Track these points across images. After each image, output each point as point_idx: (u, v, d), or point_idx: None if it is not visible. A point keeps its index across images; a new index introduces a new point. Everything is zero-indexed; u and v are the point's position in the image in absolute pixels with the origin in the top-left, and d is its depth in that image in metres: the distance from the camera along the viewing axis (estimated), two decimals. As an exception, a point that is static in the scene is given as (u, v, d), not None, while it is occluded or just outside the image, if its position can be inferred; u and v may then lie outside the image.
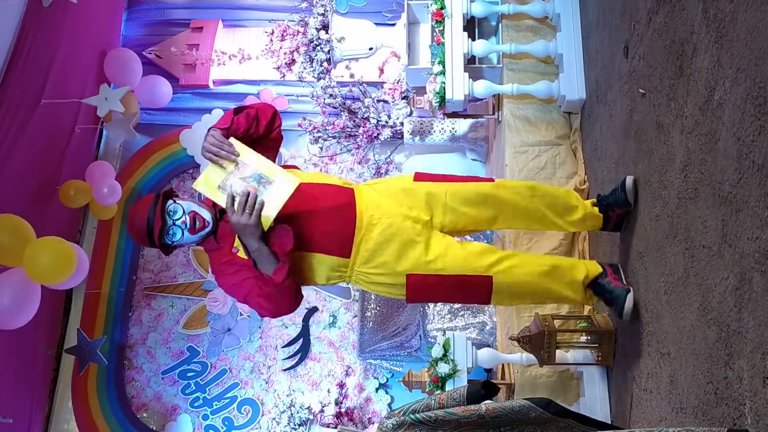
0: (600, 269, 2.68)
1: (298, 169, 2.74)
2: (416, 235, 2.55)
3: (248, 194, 2.23)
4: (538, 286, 2.60)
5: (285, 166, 2.56)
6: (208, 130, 2.34)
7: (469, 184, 2.72)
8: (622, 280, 2.69)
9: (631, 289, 2.61)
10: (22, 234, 3.80)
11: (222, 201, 2.28)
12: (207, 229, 2.45)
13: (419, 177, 2.75)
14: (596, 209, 2.80)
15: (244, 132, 2.41)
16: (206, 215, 2.44)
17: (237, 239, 2.38)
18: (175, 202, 2.45)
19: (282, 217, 2.33)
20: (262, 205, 2.25)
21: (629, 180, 2.72)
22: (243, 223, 2.23)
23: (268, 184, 2.30)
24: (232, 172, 2.31)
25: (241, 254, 2.40)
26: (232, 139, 2.34)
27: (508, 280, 2.56)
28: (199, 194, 2.36)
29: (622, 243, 2.87)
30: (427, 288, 2.55)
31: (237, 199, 2.24)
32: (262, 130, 2.49)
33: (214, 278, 2.66)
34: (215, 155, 2.29)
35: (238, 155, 2.31)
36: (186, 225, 2.41)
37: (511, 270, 2.57)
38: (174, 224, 2.42)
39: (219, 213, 2.49)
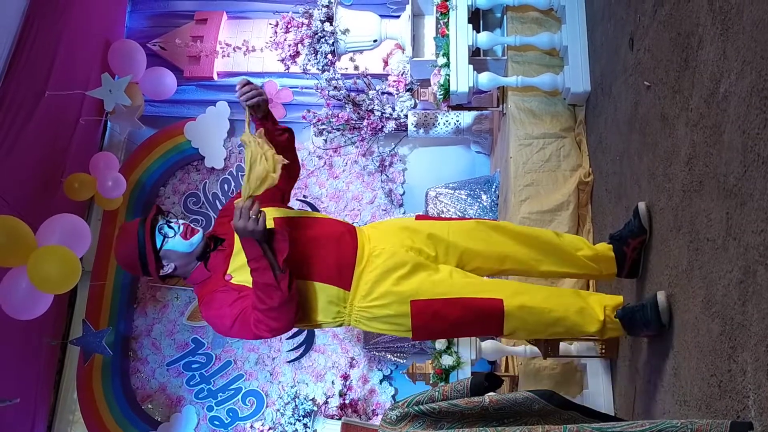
0: (621, 300, 2.51)
1: (292, 208, 2.59)
2: (420, 262, 2.40)
3: (253, 201, 2.16)
4: (556, 312, 2.39)
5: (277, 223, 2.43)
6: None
7: (472, 220, 2.59)
8: None
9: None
10: (20, 235, 3.82)
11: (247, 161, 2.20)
12: (198, 239, 2.37)
13: (421, 217, 2.61)
14: (609, 247, 2.61)
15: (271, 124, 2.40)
16: (198, 228, 2.41)
17: (231, 262, 2.34)
18: (168, 213, 2.45)
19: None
20: (264, 214, 2.17)
21: (642, 205, 2.60)
22: (249, 228, 2.13)
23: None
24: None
25: (237, 280, 2.33)
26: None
27: (522, 303, 2.37)
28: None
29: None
30: (433, 315, 2.34)
31: (241, 205, 2.15)
32: (284, 142, 2.45)
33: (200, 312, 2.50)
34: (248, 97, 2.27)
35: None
36: (179, 228, 2.36)
37: (528, 295, 2.41)
38: (168, 224, 2.36)
39: (213, 243, 2.42)
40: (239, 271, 2.32)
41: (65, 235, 4.05)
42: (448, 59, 3.88)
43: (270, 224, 2.26)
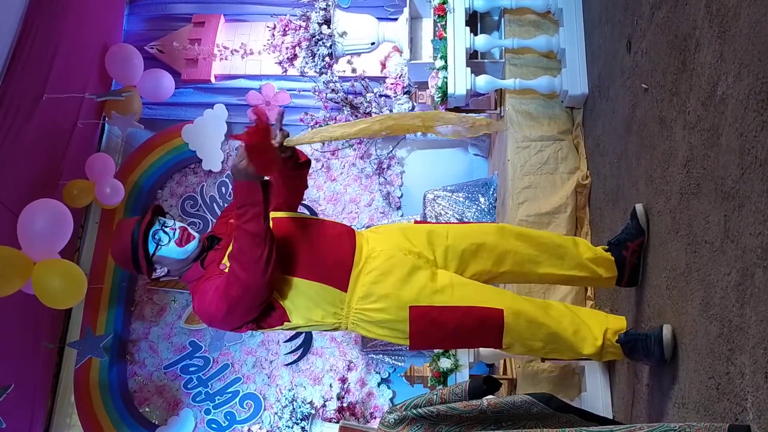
0: (625, 323, 2.48)
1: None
2: (420, 265, 2.37)
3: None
4: (556, 329, 2.36)
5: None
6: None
7: (472, 224, 2.58)
8: None
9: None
10: (18, 263, 3.84)
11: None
12: (193, 246, 2.36)
13: (420, 222, 2.61)
14: (608, 253, 2.57)
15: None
16: (194, 234, 2.38)
17: (227, 255, 2.30)
18: (167, 215, 2.44)
19: (278, 239, 2.25)
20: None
21: (639, 207, 2.59)
22: (266, 160, 2.20)
23: None
24: None
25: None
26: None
27: (522, 312, 2.34)
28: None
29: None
30: (432, 322, 2.30)
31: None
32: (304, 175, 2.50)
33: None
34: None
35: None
36: (174, 234, 2.35)
37: (527, 307, 2.38)
38: (162, 229, 2.35)
39: (208, 241, 2.43)
40: None
41: (47, 220, 4.03)
42: (446, 62, 3.88)
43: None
